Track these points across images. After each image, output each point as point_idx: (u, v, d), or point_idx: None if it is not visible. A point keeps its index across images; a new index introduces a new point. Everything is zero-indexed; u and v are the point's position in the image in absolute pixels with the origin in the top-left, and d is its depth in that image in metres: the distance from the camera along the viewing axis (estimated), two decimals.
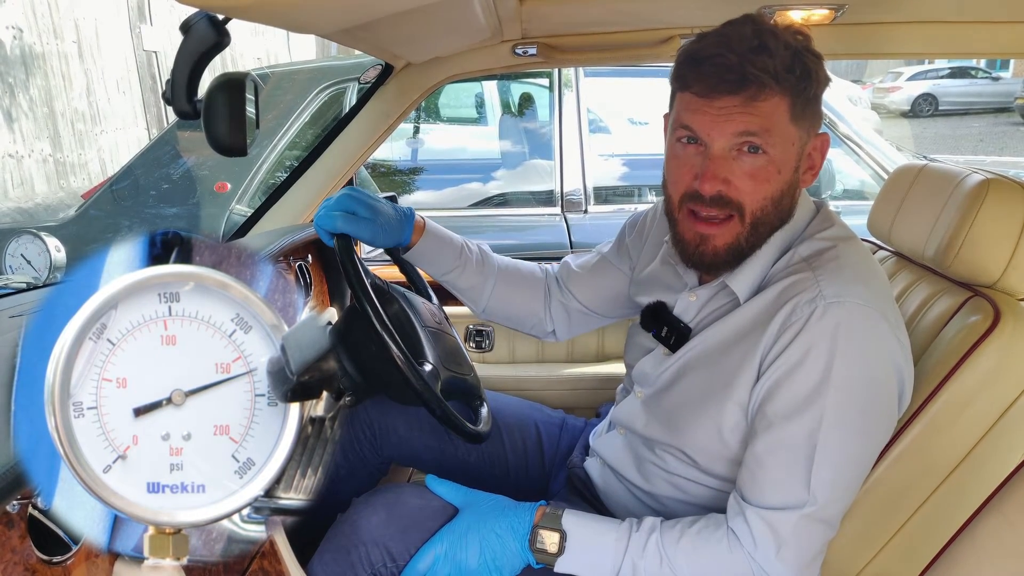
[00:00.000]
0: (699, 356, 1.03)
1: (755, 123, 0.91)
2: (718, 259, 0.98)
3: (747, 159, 0.93)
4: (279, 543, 0.96)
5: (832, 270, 0.94)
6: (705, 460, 1.02)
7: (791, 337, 0.91)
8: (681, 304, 1.08)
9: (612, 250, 1.28)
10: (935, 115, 14.19)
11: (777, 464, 0.92)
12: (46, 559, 0.68)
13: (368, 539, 1.00)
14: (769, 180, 0.94)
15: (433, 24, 1.23)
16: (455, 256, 1.22)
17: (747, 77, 0.89)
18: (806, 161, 0.98)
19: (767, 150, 0.92)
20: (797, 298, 0.93)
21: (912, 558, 0.98)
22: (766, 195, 0.94)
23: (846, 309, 0.90)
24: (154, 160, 3.63)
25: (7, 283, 1.44)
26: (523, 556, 0.97)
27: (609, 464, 1.18)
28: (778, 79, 0.90)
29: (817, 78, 0.93)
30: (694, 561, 0.93)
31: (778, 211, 0.97)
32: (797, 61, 0.90)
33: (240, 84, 1.08)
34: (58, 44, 6.39)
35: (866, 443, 0.94)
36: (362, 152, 1.69)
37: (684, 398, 1.03)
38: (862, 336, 0.90)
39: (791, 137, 0.93)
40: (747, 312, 0.98)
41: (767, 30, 0.91)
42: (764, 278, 1.00)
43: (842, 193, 3.41)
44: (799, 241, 1.00)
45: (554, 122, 3.35)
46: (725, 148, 0.92)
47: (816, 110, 0.95)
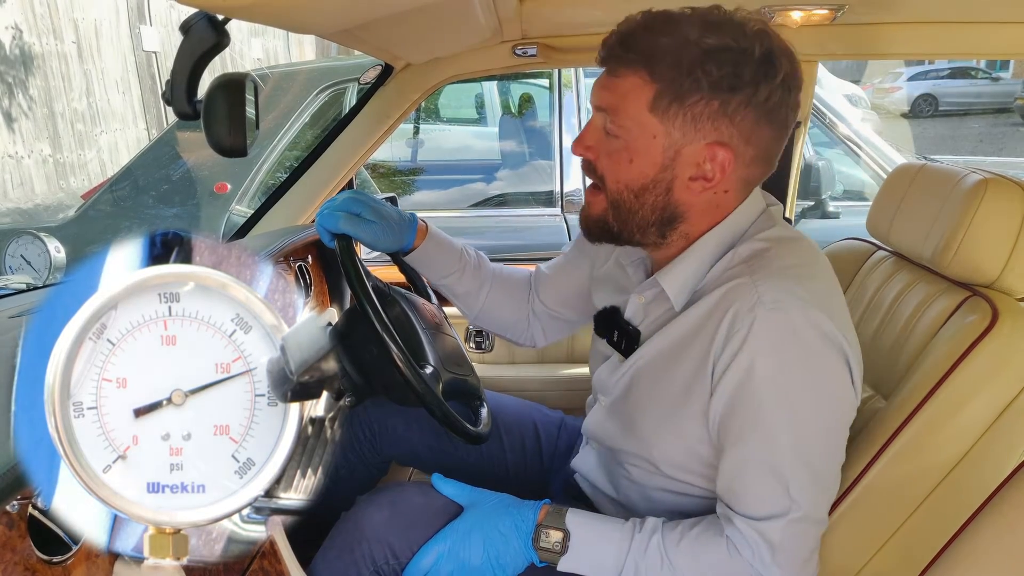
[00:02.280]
0: (650, 363, 1.00)
1: (607, 99, 0.91)
2: (590, 227, 1.00)
3: (610, 139, 0.93)
4: (279, 543, 0.96)
5: (769, 274, 0.90)
6: (673, 470, 1.00)
7: (736, 349, 0.88)
8: (631, 306, 1.05)
9: (573, 250, 1.27)
10: (935, 115, 14.18)
11: (752, 478, 0.90)
12: (46, 559, 0.68)
13: (371, 536, 1.01)
14: (621, 164, 0.92)
15: (433, 24, 1.23)
16: (455, 261, 1.22)
17: (612, 51, 0.90)
18: (691, 168, 0.91)
19: (618, 132, 0.91)
20: (737, 306, 0.89)
21: (911, 558, 0.98)
22: (620, 179, 0.93)
23: (786, 314, 0.87)
24: (154, 161, 3.64)
25: (7, 284, 1.44)
26: (526, 554, 0.97)
27: (589, 480, 1.18)
28: (646, 63, 0.87)
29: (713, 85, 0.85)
30: (695, 564, 0.93)
31: (644, 205, 0.93)
32: (681, 54, 0.85)
33: (240, 84, 1.08)
34: (58, 44, 6.39)
35: (832, 439, 0.93)
36: (362, 153, 1.69)
37: (642, 406, 1.01)
38: (806, 338, 0.87)
39: (648, 128, 0.89)
40: (691, 318, 0.95)
41: (666, 15, 0.88)
42: (701, 280, 0.96)
43: (842, 193, 3.42)
44: (740, 241, 0.97)
45: (554, 122, 3.36)
46: (596, 120, 0.94)
47: (707, 116, 0.87)
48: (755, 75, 0.86)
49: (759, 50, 0.86)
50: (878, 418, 1.07)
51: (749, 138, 0.90)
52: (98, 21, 6.85)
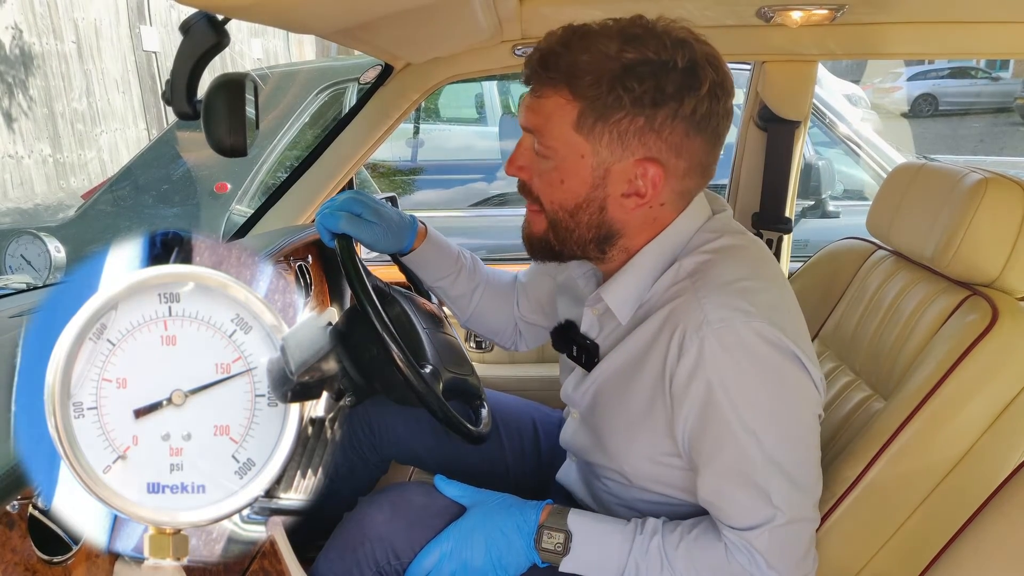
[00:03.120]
0: (611, 377, 1.00)
1: (532, 120, 0.90)
2: (532, 246, 0.99)
3: (539, 158, 0.92)
4: (279, 543, 0.96)
5: (713, 289, 0.88)
6: (647, 483, 1.00)
7: (690, 370, 0.86)
8: (586, 320, 1.04)
9: None
10: (935, 115, 14.17)
11: (731, 494, 0.90)
12: (46, 559, 0.68)
13: (373, 536, 1.01)
14: (553, 185, 0.91)
15: (433, 24, 1.23)
16: (451, 263, 1.22)
17: (534, 70, 0.89)
18: (623, 185, 0.89)
19: (547, 153, 0.90)
20: (683, 324, 0.87)
21: (912, 558, 0.98)
22: (554, 200, 0.92)
23: (733, 331, 0.85)
24: (154, 160, 3.64)
25: (7, 283, 1.44)
26: (529, 555, 0.97)
27: (573, 494, 1.18)
28: (567, 81, 0.85)
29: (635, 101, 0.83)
30: (693, 566, 0.93)
31: (576, 222, 0.92)
32: (600, 71, 0.83)
33: (240, 84, 1.08)
34: (58, 44, 6.40)
35: (802, 440, 0.92)
36: (362, 152, 1.69)
37: (607, 420, 1.00)
38: (757, 352, 0.86)
39: (577, 147, 0.88)
40: (642, 336, 0.94)
41: (584, 30, 0.86)
42: (645, 294, 0.95)
43: (842, 193, 3.41)
44: (684, 254, 0.94)
45: None
46: (524, 139, 0.94)
47: (632, 132, 0.86)
48: (679, 88, 0.84)
49: (681, 61, 0.84)
50: (878, 417, 1.06)
51: (680, 151, 0.88)
52: (98, 21, 6.85)
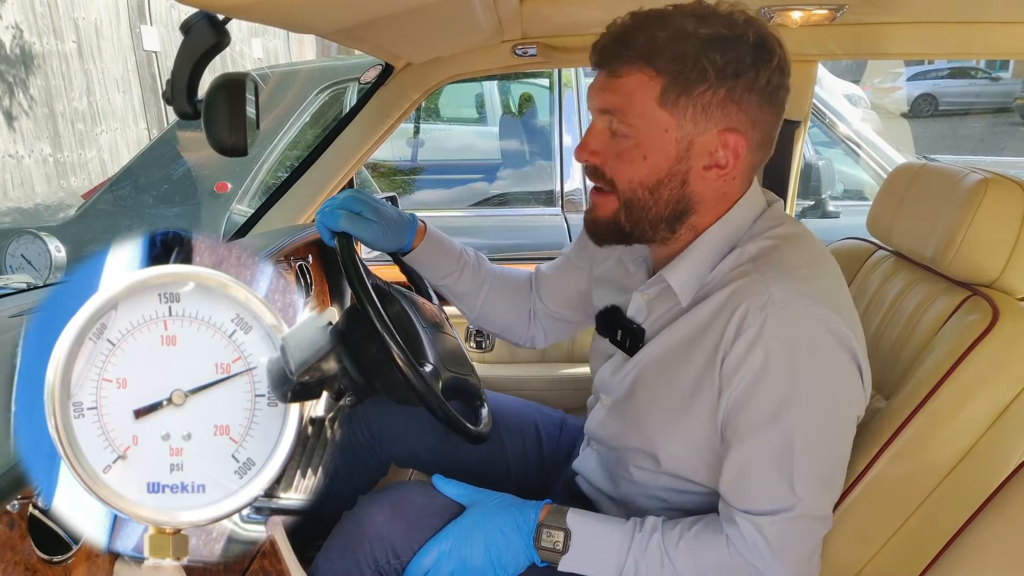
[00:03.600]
0: (655, 361, 1.00)
1: (611, 100, 0.91)
2: (598, 230, 0.99)
3: (616, 139, 0.93)
4: (279, 543, 0.96)
5: (779, 272, 0.91)
6: (676, 467, 1.00)
7: (747, 347, 0.88)
8: (634, 305, 1.05)
9: (574, 250, 1.27)
10: (935, 115, 14.16)
11: (758, 473, 0.91)
12: (46, 559, 0.68)
13: (373, 536, 1.01)
14: (634, 163, 0.92)
15: (433, 24, 1.23)
16: (454, 261, 1.22)
17: (609, 52, 0.90)
18: (704, 157, 0.92)
19: (627, 132, 0.91)
20: (747, 303, 0.89)
21: (913, 556, 0.98)
22: (633, 178, 0.93)
23: (797, 312, 0.88)
24: (154, 160, 3.64)
25: (7, 283, 1.44)
26: (528, 554, 0.97)
27: (591, 482, 1.17)
28: (648, 58, 0.87)
29: (719, 73, 0.87)
30: (694, 563, 0.93)
31: (658, 200, 0.94)
32: (682, 46, 0.87)
33: (240, 84, 1.08)
34: (58, 44, 6.40)
35: (840, 436, 0.94)
36: (362, 152, 1.69)
37: (647, 405, 1.01)
38: (817, 337, 0.88)
39: (660, 122, 0.90)
40: (698, 316, 0.95)
41: (657, 12, 0.89)
42: (707, 275, 0.97)
43: (842, 193, 3.41)
44: (747, 239, 0.97)
45: (554, 122, 3.35)
46: (598, 123, 0.94)
47: (715, 104, 0.89)
48: (754, 60, 0.88)
49: (753, 36, 0.88)
50: (880, 417, 1.06)
51: (755, 122, 0.92)
52: (98, 21, 6.85)
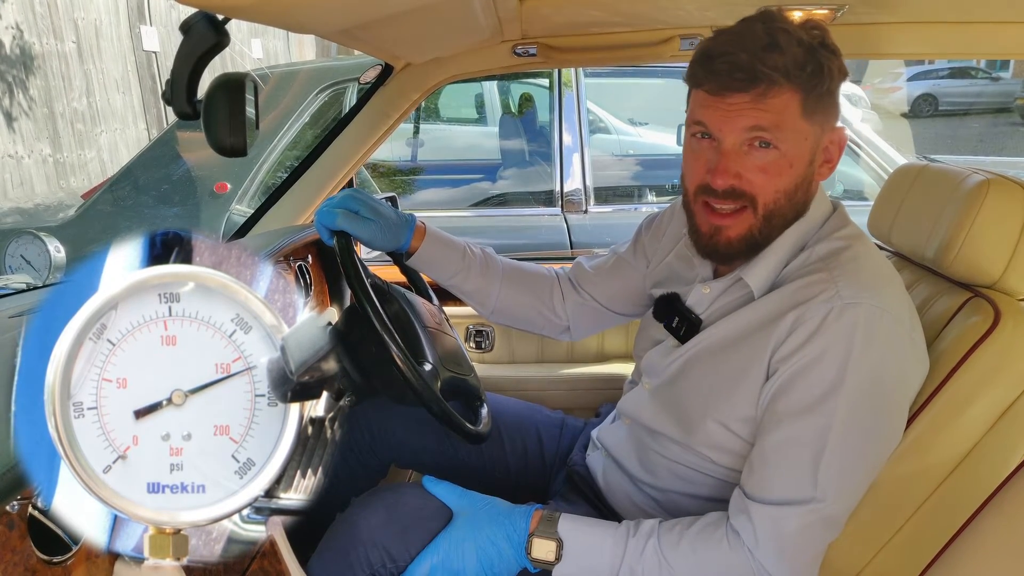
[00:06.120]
0: (707, 349, 1.03)
1: (765, 119, 0.92)
2: (731, 249, 1.00)
3: (758, 153, 0.94)
4: (279, 543, 0.96)
5: (850, 271, 0.95)
6: (711, 452, 1.02)
7: (806, 336, 0.91)
8: (694, 296, 1.08)
9: (628, 250, 1.30)
10: (935, 115, 14.15)
11: (785, 460, 0.92)
12: (46, 559, 0.68)
13: (367, 539, 1.00)
14: (781, 174, 0.95)
15: (433, 24, 1.23)
16: (458, 260, 1.22)
17: (757, 75, 0.90)
18: (822, 155, 0.98)
19: (778, 145, 0.93)
20: (813, 298, 0.93)
21: (913, 557, 0.98)
22: (778, 188, 0.95)
23: (863, 311, 0.90)
24: (154, 161, 3.63)
25: (7, 283, 1.44)
26: (520, 563, 0.97)
27: (612, 455, 1.18)
28: (788, 76, 0.90)
29: (831, 74, 0.93)
30: (694, 562, 0.93)
31: (792, 204, 0.98)
32: (810, 57, 0.91)
33: (240, 84, 1.08)
34: (58, 44, 6.40)
35: (877, 444, 0.95)
36: (362, 152, 1.69)
37: (691, 391, 1.03)
38: (878, 339, 0.90)
39: (803, 132, 0.94)
40: (759, 308, 0.98)
41: (779, 27, 0.92)
42: (779, 274, 1.00)
43: (842, 193, 3.41)
44: (815, 240, 1.01)
45: (554, 122, 3.35)
46: (736, 143, 0.94)
47: (831, 104, 0.96)
48: (836, 60, 0.94)
49: (826, 38, 0.94)
50: None
51: (837, 116, 0.99)
52: (98, 21, 6.85)
